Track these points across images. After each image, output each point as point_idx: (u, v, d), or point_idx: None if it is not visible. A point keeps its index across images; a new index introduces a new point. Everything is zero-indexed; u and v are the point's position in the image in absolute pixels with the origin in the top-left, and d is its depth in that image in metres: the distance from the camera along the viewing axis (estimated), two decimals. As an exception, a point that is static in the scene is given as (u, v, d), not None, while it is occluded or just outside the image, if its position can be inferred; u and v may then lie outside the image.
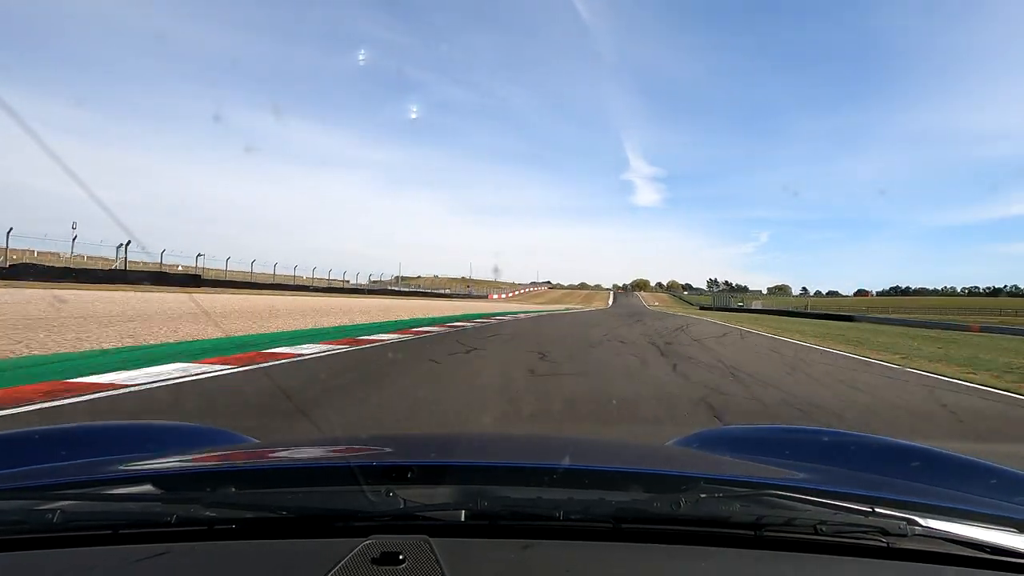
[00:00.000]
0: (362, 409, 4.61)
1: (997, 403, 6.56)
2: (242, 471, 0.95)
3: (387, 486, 0.77)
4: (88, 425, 1.72)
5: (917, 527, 0.74)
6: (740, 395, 6.12)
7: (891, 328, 32.75)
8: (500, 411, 4.76)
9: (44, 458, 1.02)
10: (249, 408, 4.52)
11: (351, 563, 0.64)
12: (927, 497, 0.91)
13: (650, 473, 1.00)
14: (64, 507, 0.73)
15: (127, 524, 0.74)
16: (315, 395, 5.06)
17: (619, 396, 5.71)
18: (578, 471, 0.92)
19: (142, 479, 0.86)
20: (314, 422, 4.11)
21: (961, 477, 1.13)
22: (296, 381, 5.78)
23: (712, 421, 4.71)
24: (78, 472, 0.94)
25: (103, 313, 12.22)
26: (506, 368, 7.50)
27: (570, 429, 4.47)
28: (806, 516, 0.76)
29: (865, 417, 5.36)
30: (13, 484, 0.84)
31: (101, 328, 9.18)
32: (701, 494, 0.82)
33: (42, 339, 7.40)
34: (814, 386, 7.13)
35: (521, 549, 0.70)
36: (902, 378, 8.46)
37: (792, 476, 1.03)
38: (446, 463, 0.92)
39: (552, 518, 0.75)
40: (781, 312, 56.28)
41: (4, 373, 5.02)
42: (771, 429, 1.82)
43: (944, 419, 5.43)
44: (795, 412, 5.32)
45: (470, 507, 0.75)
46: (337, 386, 5.54)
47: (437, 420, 4.40)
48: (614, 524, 0.75)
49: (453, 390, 5.84)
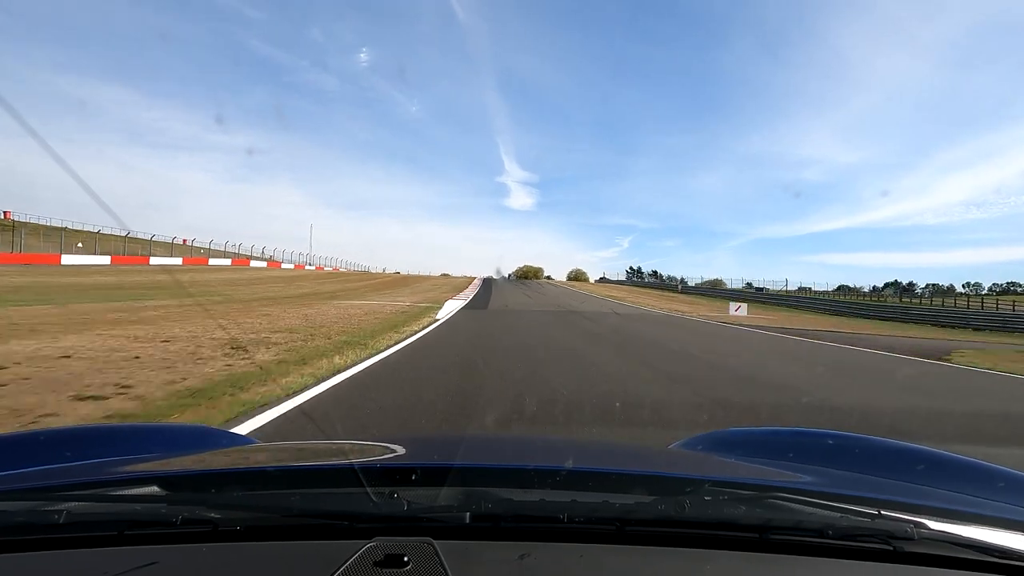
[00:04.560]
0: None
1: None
2: (246, 472, 0.95)
3: (390, 488, 0.77)
4: (92, 426, 1.73)
5: (924, 530, 0.73)
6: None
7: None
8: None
9: (49, 459, 1.02)
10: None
11: (355, 565, 0.64)
12: (933, 500, 0.90)
13: (654, 475, 0.99)
14: (70, 508, 0.73)
15: (132, 525, 0.74)
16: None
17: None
18: (582, 473, 0.91)
19: (147, 480, 0.86)
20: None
21: (967, 480, 1.12)
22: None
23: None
24: (83, 473, 0.95)
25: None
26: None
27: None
28: (812, 519, 0.75)
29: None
30: (19, 485, 0.84)
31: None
32: (706, 496, 0.82)
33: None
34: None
35: (525, 551, 0.70)
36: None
37: (797, 479, 1.03)
38: (449, 465, 0.92)
39: (556, 520, 0.74)
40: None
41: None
42: (776, 431, 1.81)
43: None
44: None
45: (474, 509, 0.75)
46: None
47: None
48: (618, 526, 0.75)
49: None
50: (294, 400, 4.77)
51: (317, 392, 5.14)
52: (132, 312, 12.20)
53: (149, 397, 4.60)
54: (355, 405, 4.74)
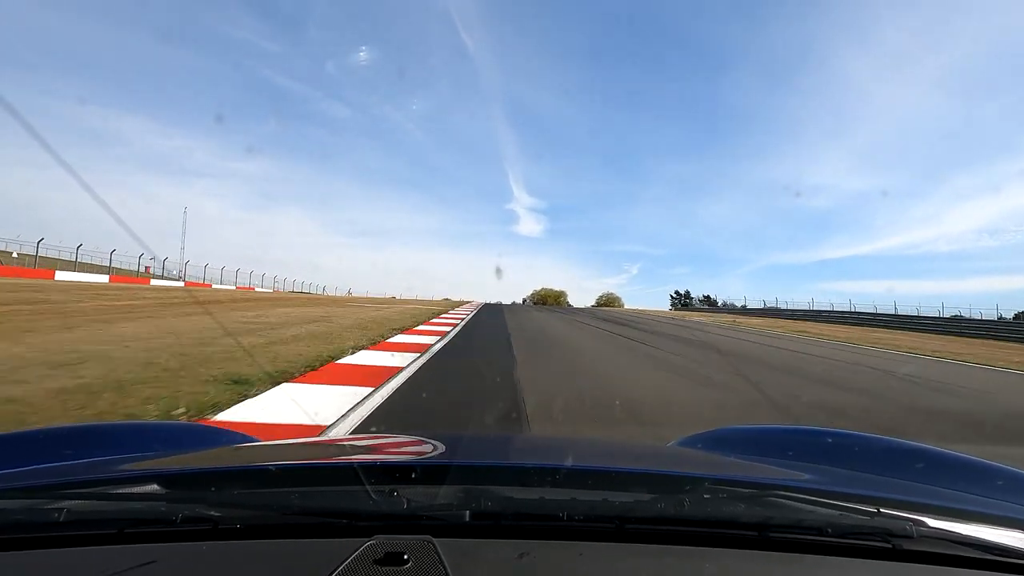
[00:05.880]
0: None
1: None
2: (246, 471, 0.95)
3: (390, 486, 0.77)
4: (92, 425, 1.73)
5: (923, 528, 0.74)
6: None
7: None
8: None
9: (49, 458, 1.02)
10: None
11: (355, 563, 0.64)
12: (933, 498, 0.90)
13: (654, 473, 1.00)
14: (69, 506, 0.73)
15: (132, 523, 0.74)
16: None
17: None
18: (582, 471, 0.91)
19: (147, 478, 0.86)
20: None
21: (967, 478, 1.12)
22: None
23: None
24: (83, 471, 0.95)
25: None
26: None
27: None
28: (811, 517, 0.75)
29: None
30: (19, 483, 0.84)
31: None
32: (706, 494, 0.82)
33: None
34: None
35: (525, 550, 0.70)
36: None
37: (797, 477, 1.03)
38: (449, 463, 0.92)
39: (556, 518, 0.74)
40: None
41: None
42: (775, 430, 1.81)
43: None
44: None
45: (474, 507, 0.75)
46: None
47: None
48: (618, 524, 0.75)
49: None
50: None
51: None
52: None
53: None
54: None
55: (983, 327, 31.51)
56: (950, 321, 34.70)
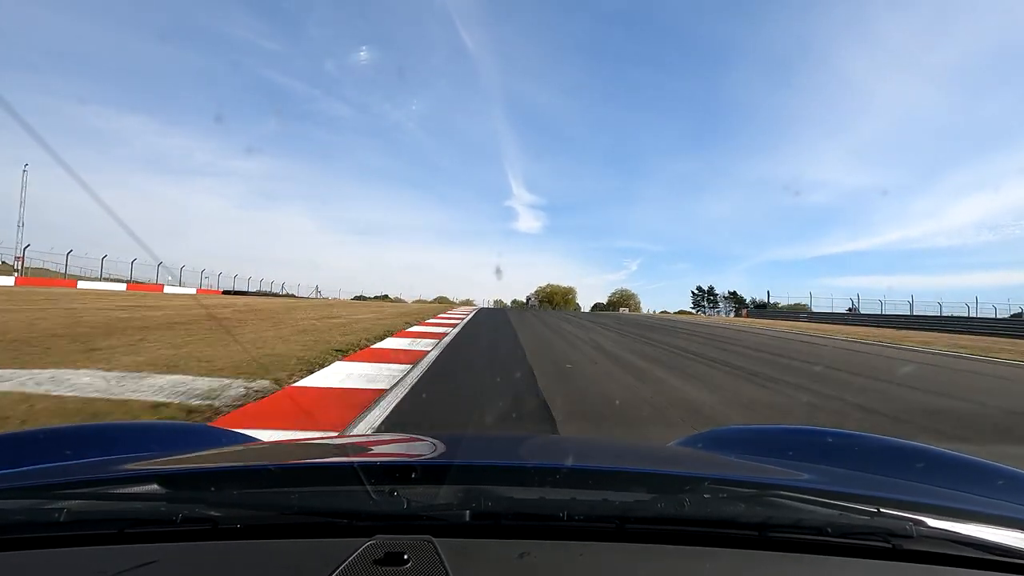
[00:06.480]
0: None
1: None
2: (247, 471, 0.95)
3: (390, 486, 0.77)
4: (92, 425, 1.73)
5: (923, 528, 0.73)
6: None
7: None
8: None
9: (49, 457, 1.02)
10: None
11: (355, 563, 0.64)
12: (933, 498, 0.90)
13: (654, 473, 0.99)
14: (70, 506, 0.73)
15: (133, 523, 0.74)
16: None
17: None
18: (582, 471, 0.91)
19: (147, 478, 0.86)
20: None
21: (967, 478, 1.12)
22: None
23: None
24: (83, 471, 0.95)
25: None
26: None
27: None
28: (811, 517, 0.75)
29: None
30: (19, 483, 0.84)
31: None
32: (706, 494, 0.82)
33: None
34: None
35: (525, 549, 0.70)
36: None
37: (797, 477, 1.03)
38: (449, 462, 0.92)
39: (556, 518, 0.74)
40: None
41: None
42: (775, 429, 1.81)
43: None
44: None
45: (474, 507, 0.75)
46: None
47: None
48: (618, 524, 0.75)
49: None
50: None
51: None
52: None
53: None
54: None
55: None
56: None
